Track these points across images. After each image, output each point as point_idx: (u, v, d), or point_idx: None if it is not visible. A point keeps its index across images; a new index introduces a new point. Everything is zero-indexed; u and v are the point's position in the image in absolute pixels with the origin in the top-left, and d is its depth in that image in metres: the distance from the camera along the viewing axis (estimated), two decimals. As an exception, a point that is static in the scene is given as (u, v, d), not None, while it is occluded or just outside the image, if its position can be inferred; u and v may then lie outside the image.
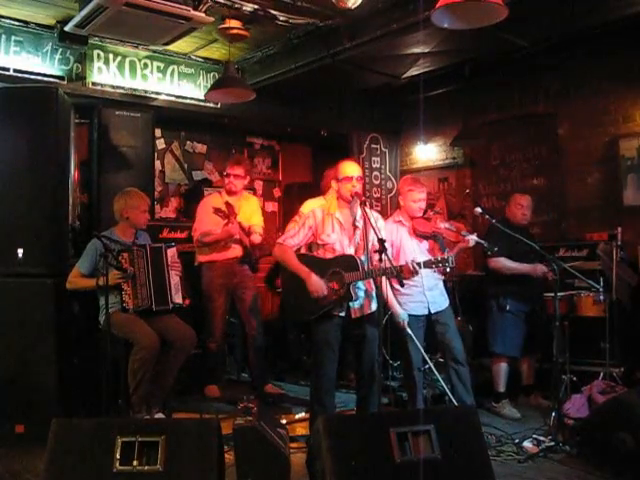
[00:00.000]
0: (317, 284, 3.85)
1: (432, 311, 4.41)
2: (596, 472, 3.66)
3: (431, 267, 3.97)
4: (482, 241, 4.25)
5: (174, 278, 4.45)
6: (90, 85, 5.64)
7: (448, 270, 4.11)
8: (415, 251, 4.36)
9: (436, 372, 4.59)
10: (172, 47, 5.48)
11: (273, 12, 5.01)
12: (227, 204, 5.18)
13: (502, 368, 5.00)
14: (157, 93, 6.03)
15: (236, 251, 5.28)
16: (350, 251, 3.96)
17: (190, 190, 7.12)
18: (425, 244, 4.43)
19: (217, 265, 5.24)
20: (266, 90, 6.10)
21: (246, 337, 5.41)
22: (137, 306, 4.28)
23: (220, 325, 5.29)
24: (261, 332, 5.35)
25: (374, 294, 3.98)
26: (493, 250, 4.22)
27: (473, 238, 4.22)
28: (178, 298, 4.43)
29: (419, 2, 4.62)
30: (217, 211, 5.12)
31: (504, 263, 4.90)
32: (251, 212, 5.46)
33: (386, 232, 4.13)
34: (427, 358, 4.44)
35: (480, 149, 7.02)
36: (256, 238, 5.33)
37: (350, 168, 4.02)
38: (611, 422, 3.72)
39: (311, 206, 4.10)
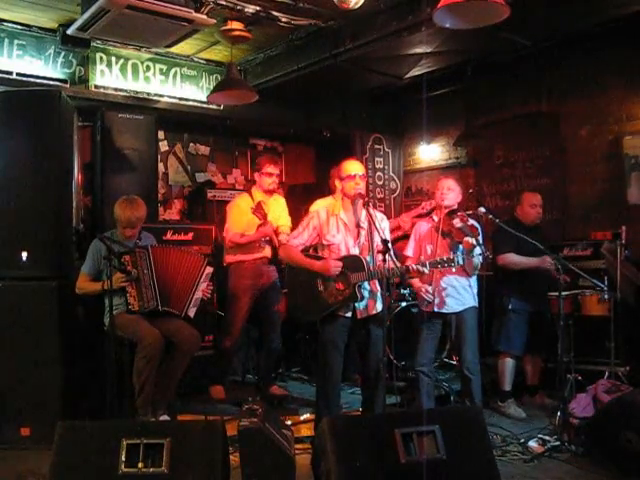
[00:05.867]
0: (328, 265, 3.84)
1: (436, 310, 4.40)
2: (602, 472, 3.65)
3: (437, 267, 3.95)
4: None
5: (198, 293, 4.44)
6: (93, 88, 5.66)
7: (453, 269, 4.07)
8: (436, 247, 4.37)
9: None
10: (174, 49, 5.49)
11: (275, 13, 5.02)
12: (259, 205, 5.12)
13: (507, 364, 5.00)
14: (160, 95, 6.05)
15: (265, 251, 5.24)
16: (355, 252, 3.96)
17: (193, 192, 7.12)
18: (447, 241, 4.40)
19: (245, 265, 5.18)
20: (269, 91, 6.11)
21: (264, 338, 5.41)
22: (143, 307, 4.28)
23: (239, 325, 5.24)
24: (279, 334, 5.35)
25: (379, 294, 3.98)
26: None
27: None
28: (192, 312, 4.42)
29: (421, 2, 4.62)
30: (256, 211, 5.05)
31: (512, 259, 4.90)
32: (279, 213, 5.39)
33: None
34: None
35: (483, 149, 7.01)
36: (284, 239, 5.29)
37: (352, 166, 4.03)
38: (617, 421, 3.71)
39: (319, 205, 4.11)
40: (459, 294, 4.39)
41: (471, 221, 4.30)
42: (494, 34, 4.91)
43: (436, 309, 4.41)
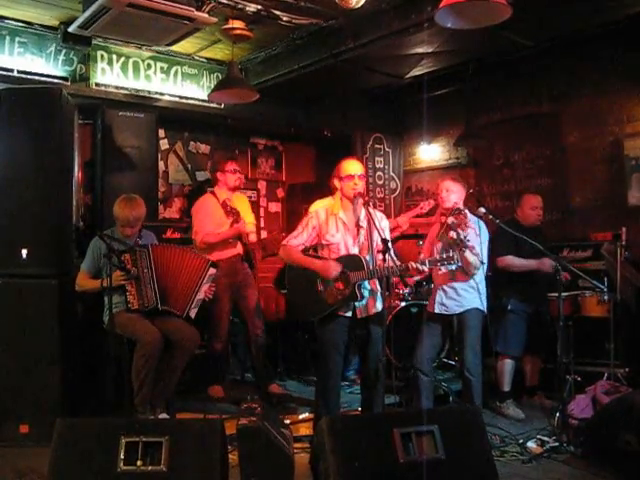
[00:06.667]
0: (327, 265, 3.84)
1: (436, 311, 4.41)
2: (600, 473, 3.65)
3: (436, 265, 3.94)
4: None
5: (200, 294, 4.44)
6: (94, 86, 5.66)
7: (453, 267, 4.04)
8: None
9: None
10: (175, 48, 5.49)
11: (276, 12, 5.02)
12: (225, 203, 5.17)
13: (507, 365, 4.99)
14: (160, 94, 6.05)
15: (238, 249, 5.30)
16: (354, 251, 3.95)
17: (194, 191, 7.11)
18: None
19: (221, 265, 5.21)
20: (269, 90, 6.10)
21: (249, 336, 5.42)
22: (143, 306, 4.28)
23: (225, 325, 5.28)
24: (263, 330, 5.35)
25: (379, 294, 3.98)
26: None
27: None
28: (193, 313, 4.42)
29: (422, 2, 4.62)
30: (231, 210, 5.12)
31: (511, 261, 4.90)
32: (244, 211, 5.43)
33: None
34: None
35: (483, 149, 7.01)
36: (253, 237, 5.35)
37: (352, 166, 4.02)
38: (615, 423, 3.71)
39: (318, 206, 4.11)
40: (458, 295, 4.35)
41: (470, 217, 4.28)
42: (495, 34, 4.91)
43: (436, 310, 4.41)
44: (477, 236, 4.26)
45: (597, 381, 4.56)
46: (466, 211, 4.30)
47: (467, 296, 4.35)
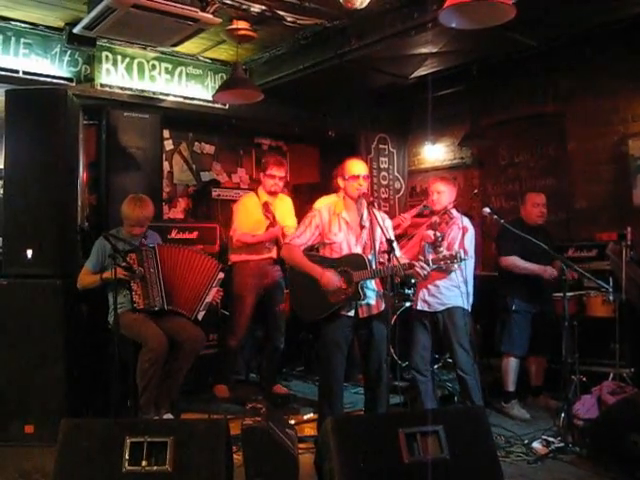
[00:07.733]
0: (329, 277, 3.83)
1: (418, 308, 4.42)
2: (606, 473, 3.64)
3: (439, 264, 3.93)
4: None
5: (209, 297, 4.44)
6: (98, 86, 5.68)
7: (456, 266, 4.02)
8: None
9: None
10: (180, 48, 5.49)
11: (281, 13, 5.02)
12: (266, 205, 5.16)
13: (511, 365, 4.99)
14: (165, 94, 6.05)
15: (271, 252, 5.27)
16: (357, 250, 3.95)
17: (198, 191, 7.14)
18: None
19: (251, 265, 5.19)
20: (274, 91, 6.10)
21: (267, 338, 5.42)
22: (149, 306, 4.28)
23: (244, 324, 5.25)
24: (283, 334, 5.35)
25: (382, 293, 3.97)
26: None
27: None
28: (201, 316, 4.42)
29: (427, 2, 4.62)
30: (266, 212, 5.12)
31: (515, 262, 4.89)
32: (286, 213, 5.39)
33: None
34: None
35: (488, 149, 7.00)
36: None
37: (356, 167, 4.01)
38: (621, 423, 3.70)
39: (323, 203, 4.11)
40: (440, 293, 4.35)
41: (456, 214, 4.28)
42: (500, 34, 4.90)
43: (418, 307, 4.43)
44: (460, 233, 4.26)
45: (602, 381, 4.55)
46: (452, 210, 4.33)
47: (448, 294, 4.34)
